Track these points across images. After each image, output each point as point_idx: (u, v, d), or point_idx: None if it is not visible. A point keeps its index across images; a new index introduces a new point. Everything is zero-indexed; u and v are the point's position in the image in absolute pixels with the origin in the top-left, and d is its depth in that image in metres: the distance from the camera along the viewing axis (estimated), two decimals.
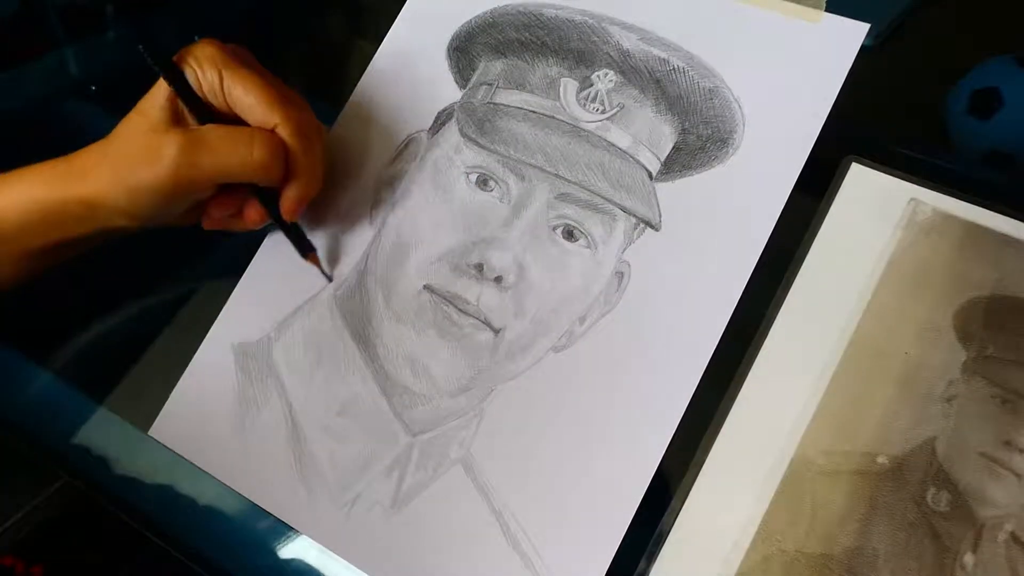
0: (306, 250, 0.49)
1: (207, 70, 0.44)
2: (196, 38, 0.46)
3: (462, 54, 0.51)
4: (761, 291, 0.43)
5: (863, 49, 0.45)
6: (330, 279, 0.49)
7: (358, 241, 0.50)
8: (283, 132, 0.44)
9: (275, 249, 0.51)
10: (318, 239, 0.50)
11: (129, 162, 0.43)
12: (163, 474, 0.48)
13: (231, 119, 0.45)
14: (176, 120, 0.44)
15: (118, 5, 0.73)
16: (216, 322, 0.50)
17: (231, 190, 0.47)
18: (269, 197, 0.47)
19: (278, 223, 0.48)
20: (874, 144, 0.46)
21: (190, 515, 0.48)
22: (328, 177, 0.50)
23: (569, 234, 0.46)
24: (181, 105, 0.44)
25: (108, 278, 0.54)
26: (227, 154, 0.43)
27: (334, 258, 0.50)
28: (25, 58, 0.71)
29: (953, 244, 0.42)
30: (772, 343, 0.42)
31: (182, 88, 0.44)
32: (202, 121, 0.45)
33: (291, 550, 0.46)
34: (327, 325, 0.48)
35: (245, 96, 0.44)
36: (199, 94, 0.45)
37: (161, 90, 0.44)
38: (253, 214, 0.47)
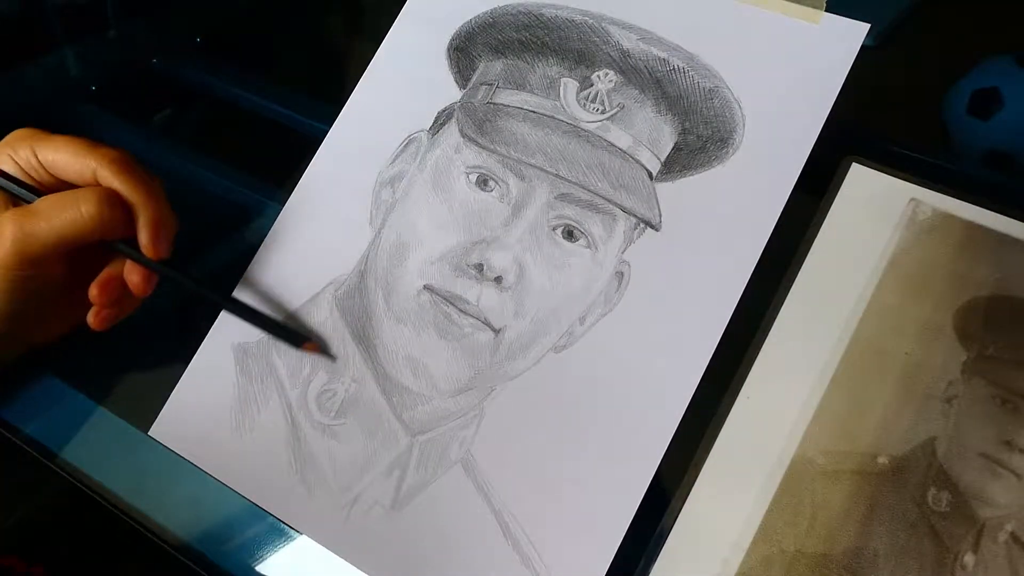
0: (300, 341, 0.47)
1: (20, 150, 0.45)
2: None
3: (462, 54, 0.51)
4: (761, 291, 0.43)
5: (863, 49, 0.45)
6: (333, 358, 0.48)
7: (358, 241, 0.50)
8: (105, 175, 0.44)
9: (275, 249, 0.51)
10: (318, 240, 0.50)
11: None
12: (163, 474, 0.48)
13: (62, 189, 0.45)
14: (7, 207, 0.44)
15: (118, 5, 0.73)
16: (216, 322, 0.50)
17: (101, 270, 0.46)
18: (134, 249, 0.46)
19: (260, 325, 0.47)
20: (874, 144, 0.46)
21: (190, 515, 0.48)
22: (328, 178, 0.50)
23: (569, 234, 0.46)
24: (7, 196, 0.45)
25: None
26: (59, 218, 0.43)
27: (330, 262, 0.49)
28: (25, 58, 0.71)
29: (953, 244, 0.42)
30: (772, 343, 0.42)
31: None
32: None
33: (291, 550, 0.46)
34: (327, 325, 0.48)
35: (56, 155, 0.44)
36: (23, 177, 0.45)
37: None
38: (134, 277, 0.46)
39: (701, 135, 0.46)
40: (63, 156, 0.44)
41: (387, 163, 0.51)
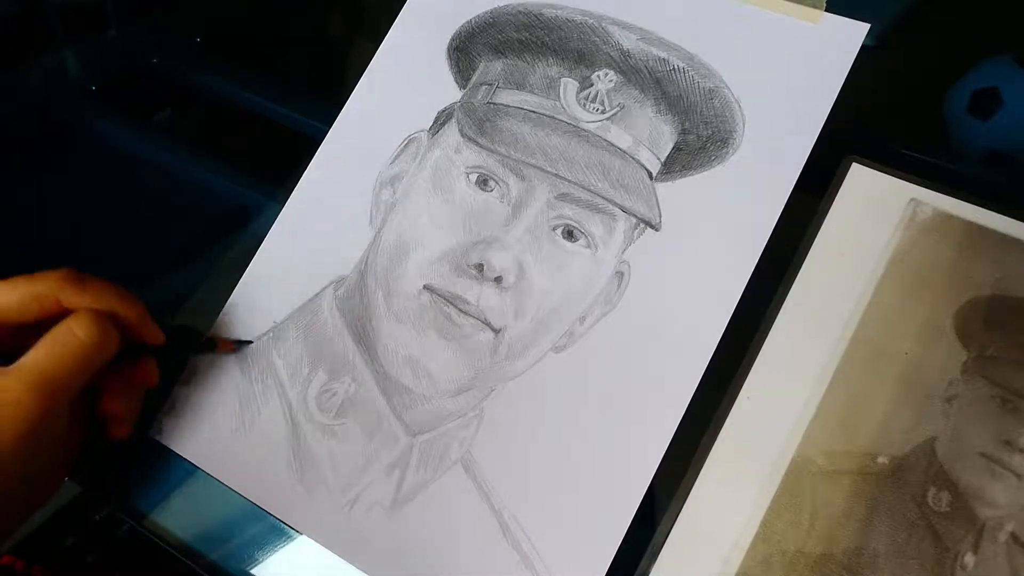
0: (214, 347, 0.48)
1: None
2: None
3: (462, 54, 0.51)
4: (761, 291, 0.43)
5: (863, 49, 0.45)
6: (249, 342, 0.49)
7: (358, 241, 0.50)
8: (68, 294, 0.40)
9: (275, 249, 0.51)
10: (318, 240, 0.50)
11: None
12: (163, 474, 0.48)
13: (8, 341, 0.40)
14: None
15: (118, 5, 0.73)
16: (216, 322, 0.50)
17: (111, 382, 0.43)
18: (133, 352, 0.43)
19: (178, 349, 0.46)
20: (874, 144, 0.46)
21: (190, 515, 0.48)
22: (328, 178, 0.49)
23: (569, 234, 0.46)
24: None
25: (107, 278, 0.54)
26: (66, 358, 0.39)
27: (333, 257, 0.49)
28: (25, 58, 0.71)
29: (953, 244, 0.42)
30: (772, 343, 0.42)
31: None
32: None
33: (291, 550, 0.46)
34: (327, 325, 0.48)
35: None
36: None
37: None
38: (147, 375, 0.44)
39: (701, 135, 0.46)
40: (5, 298, 0.39)
41: (387, 163, 0.51)
